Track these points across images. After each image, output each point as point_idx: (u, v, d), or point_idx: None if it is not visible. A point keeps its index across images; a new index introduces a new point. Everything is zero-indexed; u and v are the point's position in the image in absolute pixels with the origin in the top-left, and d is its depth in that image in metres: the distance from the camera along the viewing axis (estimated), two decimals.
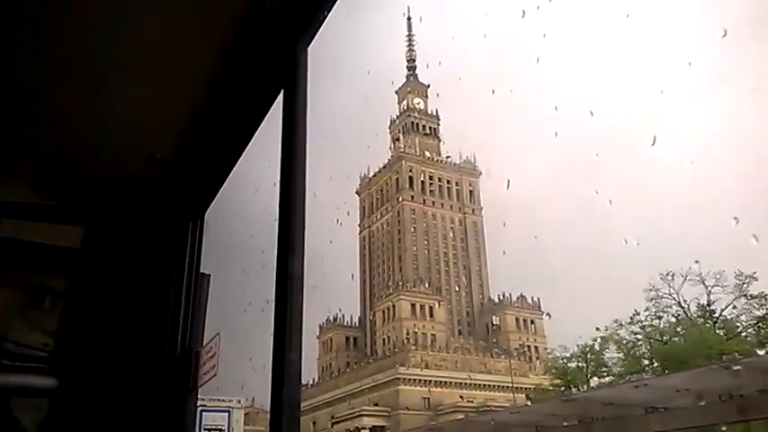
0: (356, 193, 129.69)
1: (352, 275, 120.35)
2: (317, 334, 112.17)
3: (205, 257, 2.45)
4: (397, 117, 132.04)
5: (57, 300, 2.61)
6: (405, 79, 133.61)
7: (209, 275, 2.46)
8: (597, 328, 44.86)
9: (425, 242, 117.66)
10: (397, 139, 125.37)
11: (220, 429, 13.94)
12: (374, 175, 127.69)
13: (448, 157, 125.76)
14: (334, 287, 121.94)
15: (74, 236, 2.43)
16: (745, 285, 40.75)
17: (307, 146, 1.70)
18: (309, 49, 1.79)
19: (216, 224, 2.54)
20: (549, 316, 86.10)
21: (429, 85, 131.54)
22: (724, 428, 22.93)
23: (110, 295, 2.36)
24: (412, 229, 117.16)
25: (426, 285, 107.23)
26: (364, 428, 79.31)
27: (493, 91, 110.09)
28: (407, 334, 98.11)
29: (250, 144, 2.08)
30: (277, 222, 1.65)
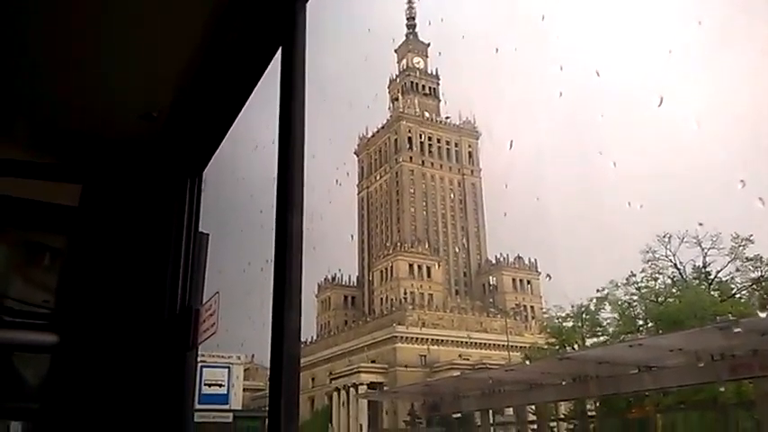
0: (354, 153, 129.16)
1: (352, 236, 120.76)
2: (316, 293, 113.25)
3: (204, 217, 2.45)
4: (397, 77, 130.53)
5: (56, 258, 2.63)
6: (404, 38, 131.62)
7: (208, 235, 2.46)
8: (597, 290, 45.32)
9: (424, 203, 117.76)
10: (396, 99, 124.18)
11: (220, 384, 14.21)
12: (372, 136, 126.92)
13: (447, 117, 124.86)
14: (333, 247, 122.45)
15: (72, 194, 2.43)
16: (741, 248, 41.11)
17: (305, 104, 1.69)
18: (308, 5, 1.75)
19: (215, 183, 2.54)
20: (550, 277, 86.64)
21: (429, 44, 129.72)
22: (722, 389, 23.41)
23: (109, 253, 2.37)
24: (410, 190, 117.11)
25: (425, 246, 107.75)
26: (362, 384, 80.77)
27: (497, 49, 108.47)
28: (405, 293, 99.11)
29: (248, 103, 2.06)
30: (276, 181, 1.65)
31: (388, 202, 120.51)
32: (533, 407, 45.47)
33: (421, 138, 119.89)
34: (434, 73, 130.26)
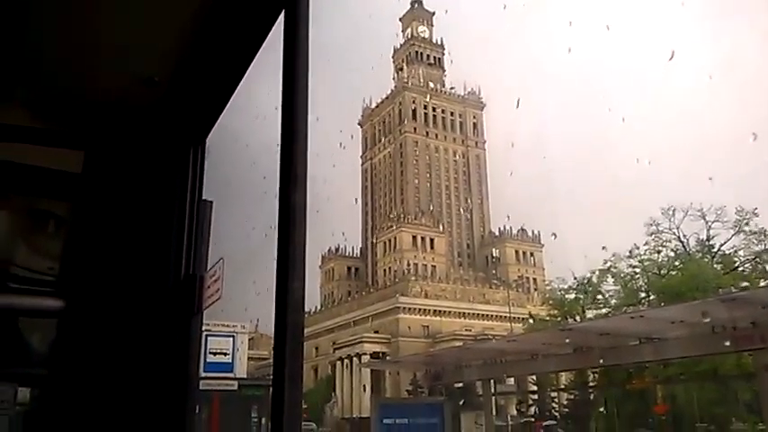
0: (358, 124, 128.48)
1: (356, 199, 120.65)
2: (320, 263, 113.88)
3: (207, 185, 2.45)
4: (401, 46, 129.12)
5: (60, 225, 2.63)
6: (409, 6, 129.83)
7: (212, 202, 2.46)
8: (604, 261, 45.41)
9: (428, 174, 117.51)
10: (401, 69, 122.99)
11: (225, 353, 14.38)
12: (377, 106, 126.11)
13: (452, 88, 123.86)
14: (336, 213, 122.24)
15: (75, 161, 2.42)
16: (746, 221, 41.05)
17: (309, 70, 1.66)
18: None
19: (218, 151, 2.53)
20: (555, 236, 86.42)
21: (434, 13, 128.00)
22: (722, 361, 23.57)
23: (113, 220, 2.37)
24: (414, 162, 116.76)
25: (428, 218, 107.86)
26: (365, 354, 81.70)
27: (504, 6, 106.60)
28: (408, 265, 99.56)
29: (250, 69, 2.04)
30: (279, 150, 1.63)
31: (391, 174, 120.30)
32: (534, 377, 46.00)
33: (425, 109, 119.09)
34: (439, 42, 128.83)
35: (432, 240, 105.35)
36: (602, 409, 43.03)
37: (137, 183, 2.39)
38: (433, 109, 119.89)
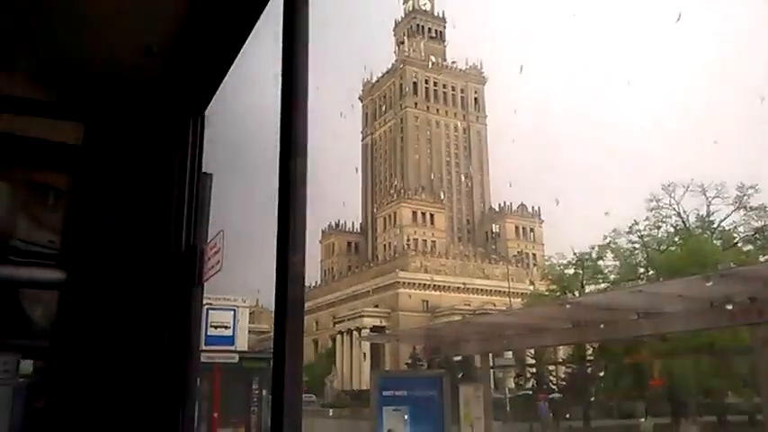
0: (359, 98, 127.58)
1: (357, 168, 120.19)
2: (320, 238, 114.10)
3: (207, 158, 2.44)
4: (402, 19, 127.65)
5: (60, 197, 2.63)
6: None
7: (212, 175, 2.46)
8: (604, 236, 45.53)
9: (428, 150, 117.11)
10: (402, 43, 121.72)
11: (226, 326, 14.49)
12: (377, 81, 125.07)
13: (454, 62, 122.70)
14: (336, 182, 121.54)
15: (74, 132, 2.40)
16: (746, 197, 41.06)
17: (309, 40, 1.64)
18: None
19: (218, 123, 2.51)
20: (558, 203, 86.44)
21: None
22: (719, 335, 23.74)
23: (113, 192, 2.37)
24: (415, 137, 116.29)
25: (428, 193, 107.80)
26: (365, 328, 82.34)
27: None
28: (408, 240, 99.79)
29: (250, 39, 2.01)
30: (279, 121, 1.62)
31: (392, 149, 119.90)
32: (533, 351, 46.40)
33: (426, 83, 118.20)
34: (441, 15, 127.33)
35: (432, 216, 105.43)
36: (599, 383, 43.54)
37: (137, 155, 2.38)
38: (435, 83, 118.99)
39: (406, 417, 12.70)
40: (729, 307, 8.62)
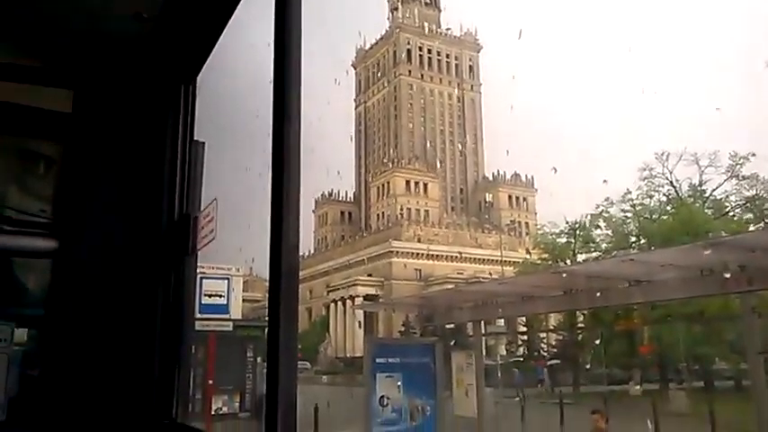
0: (352, 65, 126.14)
1: (351, 137, 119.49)
2: (313, 208, 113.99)
3: (199, 126, 2.41)
4: None
5: (50, 165, 2.61)
6: None
7: (204, 143, 2.44)
8: (597, 205, 45.71)
9: (422, 119, 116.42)
10: (396, 9, 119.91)
11: (220, 295, 14.54)
12: (371, 48, 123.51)
13: (448, 29, 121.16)
14: (331, 150, 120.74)
15: (64, 100, 2.37)
16: (739, 166, 41.17)
17: (302, 7, 1.61)
18: None
19: (209, 91, 2.48)
20: (556, 170, 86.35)
21: None
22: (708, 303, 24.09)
23: (104, 161, 2.34)
24: (408, 105, 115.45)
25: (422, 163, 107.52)
26: (358, 297, 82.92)
27: None
28: (401, 210, 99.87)
29: (241, 5, 1.97)
30: (272, 89, 1.60)
31: (385, 118, 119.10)
32: (524, 318, 46.93)
33: (420, 50, 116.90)
34: None
35: (425, 185, 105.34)
36: (589, 350, 44.18)
37: (127, 122, 2.35)
38: (429, 51, 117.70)
39: (399, 383, 12.87)
40: (719, 275, 8.71)
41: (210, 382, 15.73)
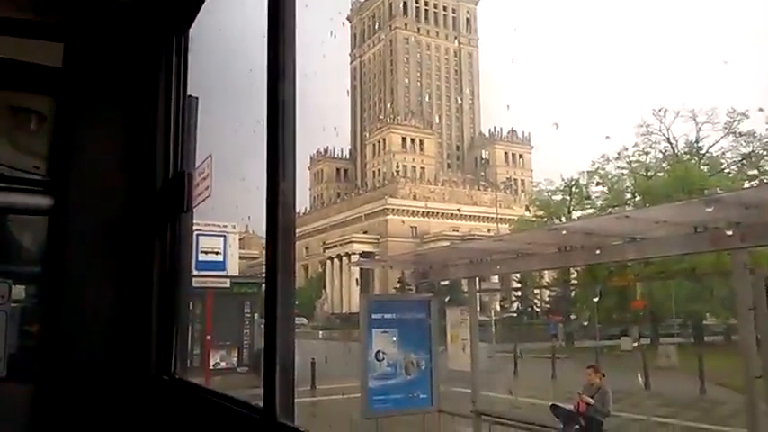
0: (347, 19, 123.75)
1: (347, 91, 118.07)
2: (308, 165, 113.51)
3: (192, 81, 2.37)
4: None
5: (42, 121, 2.57)
6: None
7: (197, 98, 2.40)
8: (592, 162, 45.66)
9: (418, 74, 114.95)
10: None
11: (217, 252, 14.61)
12: (366, 0, 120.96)
13: None
14: (326, 106, 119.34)
15: (54, 54, 2.32)
16: (736, 123, 40.99)
17: None
18: None
19: (202, 45, 2.43)
20: (557, 126, 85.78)
21: None
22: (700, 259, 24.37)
23: (97, 116, 2.31)
24: (404, 60, 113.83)
25: (418, 119, 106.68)
26: (354, 254, 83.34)
27: None
28: (397, 167, 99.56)
29: None
30: (266, 42, 1.56)
31: (381, 73, 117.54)
32: (518, 275, 47.38)
33: (417, 2, 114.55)
34: None
35: (421, 142, 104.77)
36: (582, 305, 44.79)
37: (119, 76, 2.30)
38: (425, 3, 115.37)
39: (394, 338, 13.06)
40: (712, 232, 8.76)
41: (209, 337, 15.95)
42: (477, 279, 15.26)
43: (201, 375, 14.44)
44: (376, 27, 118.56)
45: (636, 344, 34.08)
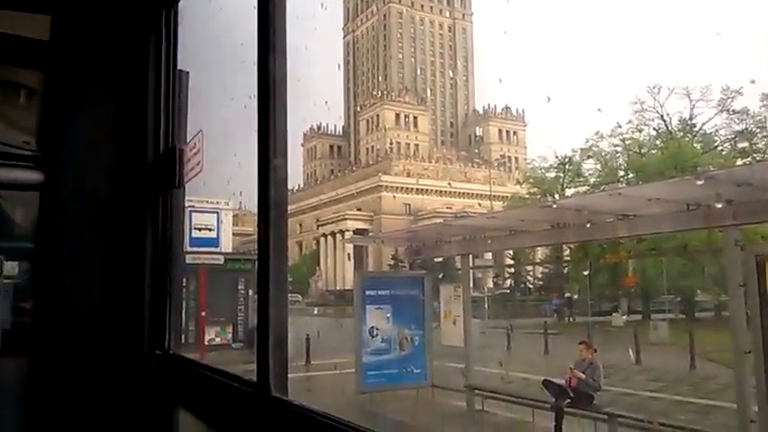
0: None
1: (339, 65, 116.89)
2: (302, 142, 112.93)
3: (183, 55, 2.34)
4: None
5: (31, 96, 2.54)
6: None
7: (188, 72, 2.37)
8: (586, 140, 45.68)
9: (412, 49, 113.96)
10: None
11: (210, 228, 14.59)
12: None
13: None
14: (318, 81, 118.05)
15: (41, 26, 2.28)
16: (730, 100, 40.98)
17: None
18: None
19: (192, 17, 2.40)
20: (549, 99, 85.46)
21: None
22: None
23: (86, 91, 2.28)
24: (398, 35, 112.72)
25: (412, 95, 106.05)
26: (348, 231, 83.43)
27: None
28: (391, 143, 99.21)
29: None
30: (256, 14, 1.54)
31: (374, 48, 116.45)
32: (511, 252, 47.62)
33: None
34: None
35: (415, 118, 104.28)
36: (574, 282, 45.14)
37: (108, 49, 2.27)
38: None
39: (388, 315, 13.14)
40: (704, 209, 8.81)
41: (203, 314, 15.99)
42: (470, 256, 15.34)
43: (197, 351, 14.52)
44: (369, 0, 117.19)
45: (624, 316, 34.51)
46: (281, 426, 1.39)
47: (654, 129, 43.99)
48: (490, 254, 46.59)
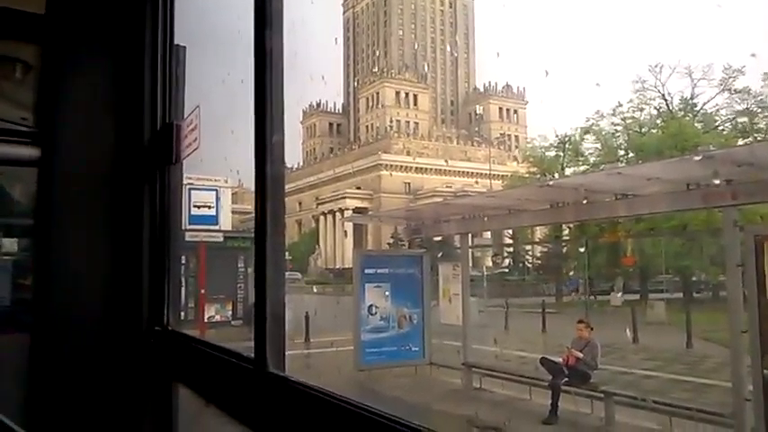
0: None
1: (336, 39, 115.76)
2: (301, 119, 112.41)
3: (179, 30, 2.32)
4: None
5: (27, 71, 2.52)
6: None
7: (185, 47, 2.35)
8: (586, 119, 45.48)
9: (412, 26, 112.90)
10: None
11: (209, 206, 14.60)
12: None
13: None
14: (315, 56, 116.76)
15: (36, 0, 2.25)
16: (732, 79, 40.71)
17: None
18: None
19: None
20: (547, 73, 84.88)
21: None
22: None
23: (82, 65, 2.26)
24: (399, 11, 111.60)
25: (412, 73, 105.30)
26: (347, 209, 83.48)
27: None
28: (391, 121, 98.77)
29: None
30: None
31: (374, 24, 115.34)
32: (510, 231, 47.71)
33: None
34: None
35: (415, 96, 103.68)
36: (573, 261, 45.29)
37: (104, 23, 2.24)
38: None
39: (387, 293, 13.20)
40: (704, 189, 8.81)
41: (203, 291, 16.07)
42: (469, 235, 15.36)
43: (196, 328, 14.62)
44: None
45: (620, 294, 34.66)
46: (278, 400, 1.40)
47: (655, 108, 43.77)
48: (489, 233, 46.69)
